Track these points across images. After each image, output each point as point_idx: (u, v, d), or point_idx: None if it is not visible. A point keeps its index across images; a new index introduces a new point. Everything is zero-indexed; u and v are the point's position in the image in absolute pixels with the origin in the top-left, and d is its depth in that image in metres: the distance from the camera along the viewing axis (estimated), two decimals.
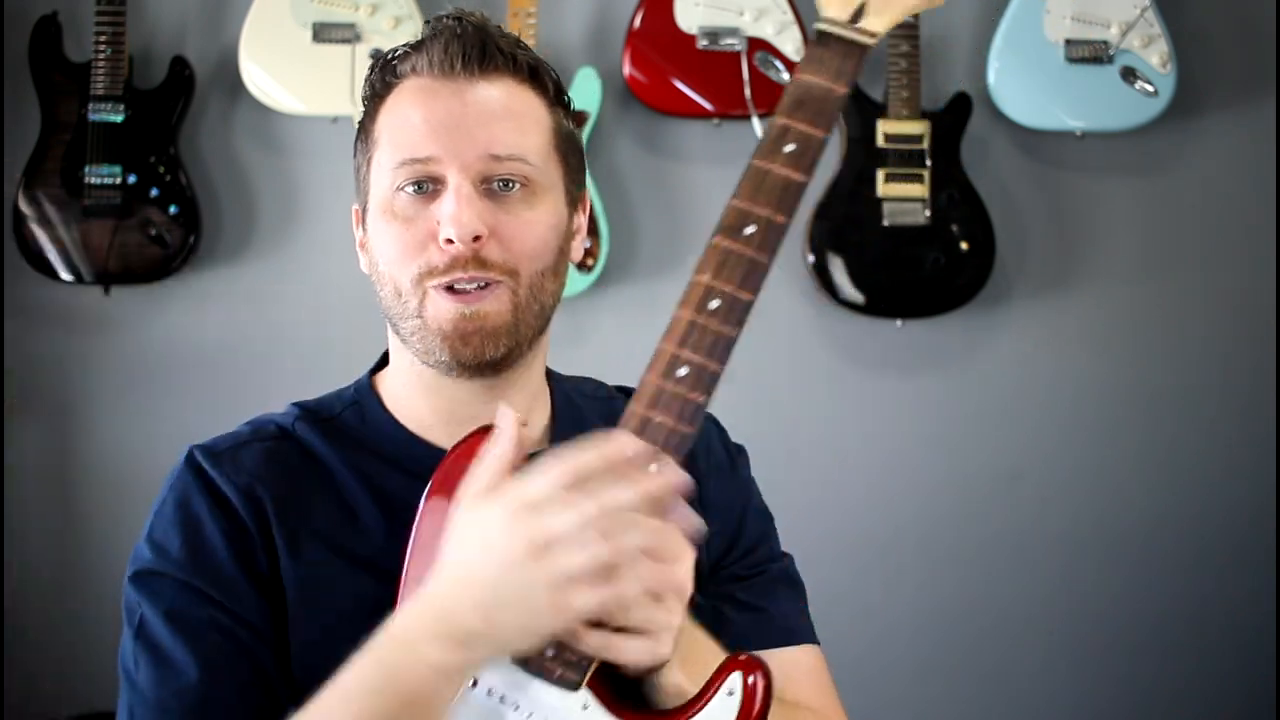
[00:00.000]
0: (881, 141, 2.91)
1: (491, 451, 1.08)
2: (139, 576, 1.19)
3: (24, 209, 2.84)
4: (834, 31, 1.11)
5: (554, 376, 1.35)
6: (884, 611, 3.04)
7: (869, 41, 1.11)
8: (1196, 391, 3.08)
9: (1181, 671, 3.07)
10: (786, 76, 2.90)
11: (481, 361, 1.20)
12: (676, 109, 2.94)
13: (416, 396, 1.27)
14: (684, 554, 1.05)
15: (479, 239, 1.19)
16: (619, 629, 1.05)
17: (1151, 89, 2.92)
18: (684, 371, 1.07)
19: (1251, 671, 3.05)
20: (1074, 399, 3.08)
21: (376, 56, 1.29)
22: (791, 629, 1.32)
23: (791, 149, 1.09)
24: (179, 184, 2.87)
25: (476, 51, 1.21)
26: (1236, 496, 3.07)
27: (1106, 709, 3.08)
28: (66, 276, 2.86)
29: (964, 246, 2.93)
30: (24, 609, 2.93)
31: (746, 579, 1.32)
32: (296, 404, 1.30)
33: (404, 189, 1.21)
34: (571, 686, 1.06)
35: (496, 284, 1.20)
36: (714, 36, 2.90)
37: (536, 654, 1.07)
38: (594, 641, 1.05)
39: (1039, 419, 3.08)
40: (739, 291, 1.07)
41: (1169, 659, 3.07)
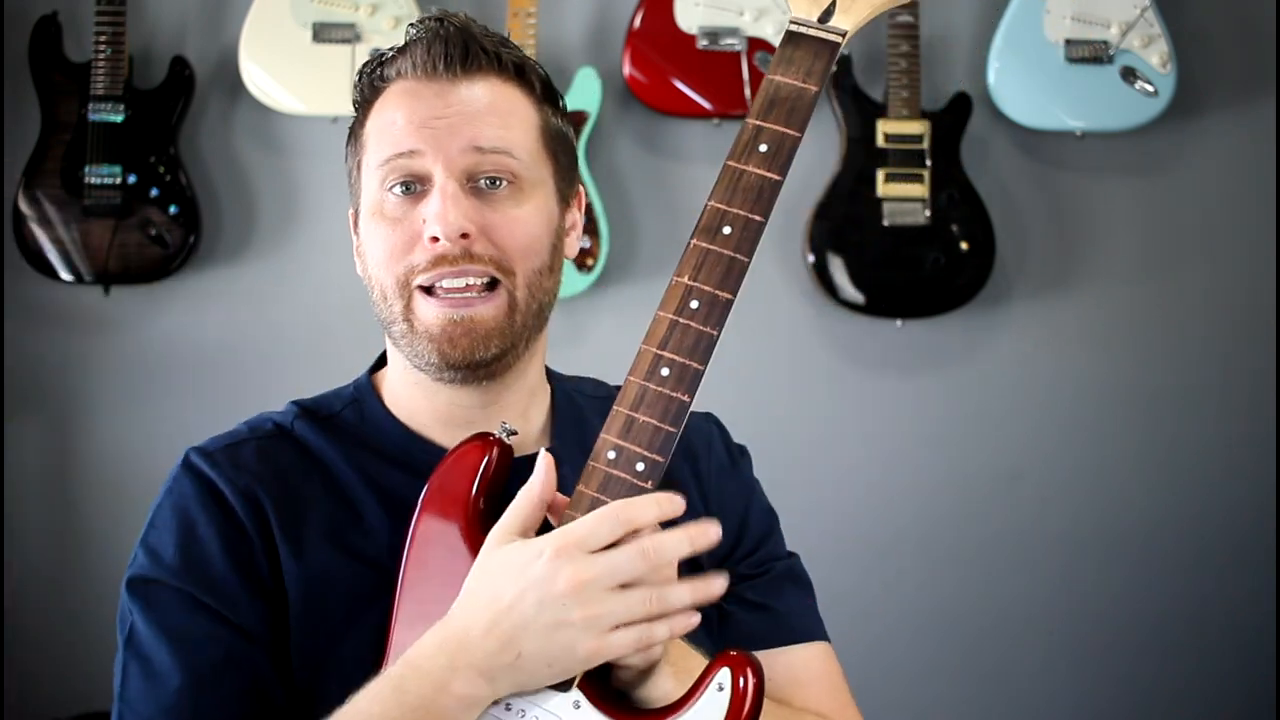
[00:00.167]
0: (881, 141, 2.91)
1: (527, 491, 1.09)
2: (133, 583, 1.19)
3: (24, 209, 2.84)
4: (804, 31, 1.12)
5: (554, 376, 1.35)
6: (884, 611, 3.04)
7: (838, 40, 1.11)
8: (1196, 391, 3.08)
9: (1181, 671, 3.07)
10: None
11: (471, 363, 1.20)
12: (676, 109, 2.94)
13: (414, 398, 1.27)
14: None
15: (466, 237, 1.18)
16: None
17: (1151, 89, 2.92)
18: (666, 371, 1.08)
19: (1251, 671, 3.05)
20: (1074, 399, 3.08)
21: (363, 65, 1.29)
22: (800, 627, 1.31)
23: (765, 149, 1.10)
24: (179, 184, 2.87)
25: (459, 52, 1.21)
26: (1236, 496, 3.07)
27: (1106, 709, 3.08)
28: (66, 276, 2.86)
29: (964, 246, 2.93)
30: (24, 609, 2.93)
31: (753, 578, 1.32)
32: (295, 402, 1.29)
33: (392, 189, 1.21)
34: (563, 687, 1.07)
35: (494, 288, 1.20)
36: (714, 36, 2.90)
37: None
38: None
39: (1039, 419, 3.08)
40: (719, 291, 1.08)
41: (1169, 659, 3.07)
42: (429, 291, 1.20)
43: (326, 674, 1.10)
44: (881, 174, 2.91)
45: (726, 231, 1.09)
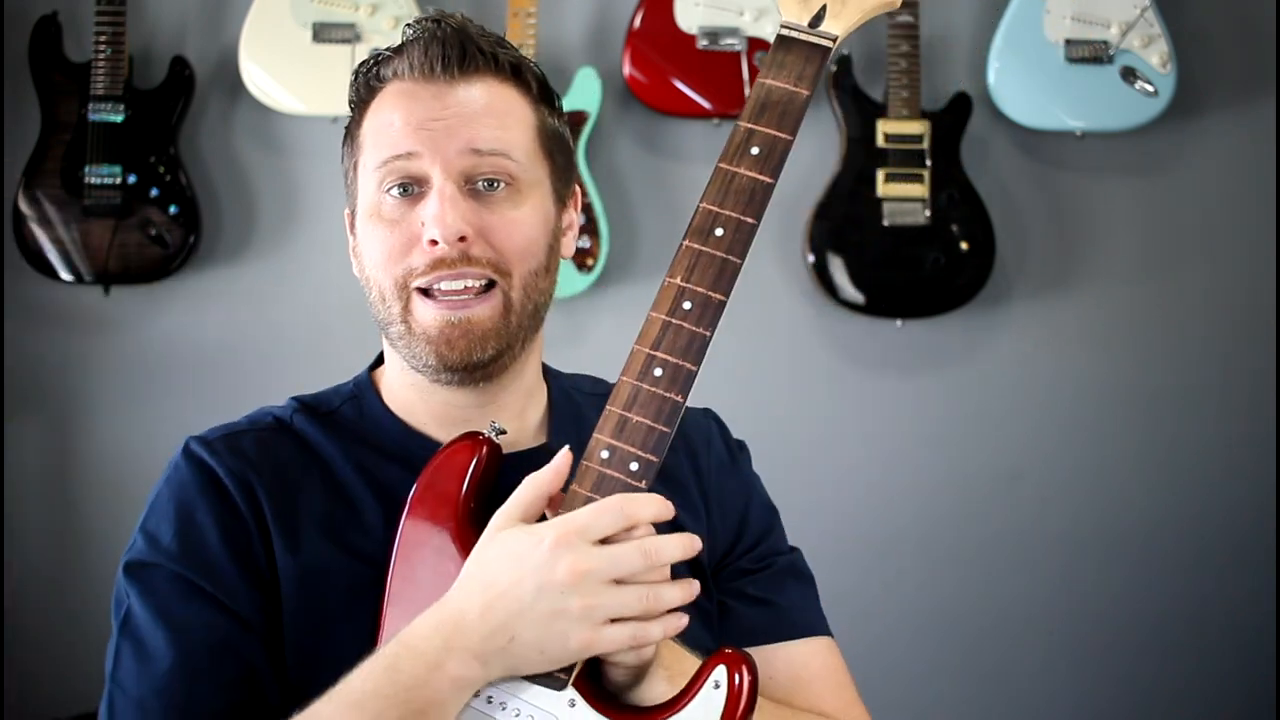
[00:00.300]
0: (881, 141, 2.91)
1: (535, 480, 1.10)
2: (130, 567, 1.19)
3: (24, 209, 2.84)
4: (795, 35, 1.13)
5: (552, 373, 1.35)
6: (884, 611, 3.04)
7: (829, 45, 1.12)
8: (1196, 391, 3.08)
9: (1181, 671, 3.07)
10: None
11: (469, 364, 1.20)
12: (676, 109, 2.94)
13: (410, 397, 1.28)
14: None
15: (464, 239, 1.19)
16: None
17: (1151, 89, 2.92)
18: (659, 372, 1.09)
19: (1251, 671, 3.05)
20: (1074, 399, 3.08)
21: (359, 66, 1.29)
22: (803, 621, 1.31)
23: (757, 152, 1.11)
24: (179, 184, 2.87)
25: (456, 53, 1.22)
26: (1236, 496, 3.07)
27: (1106, 709, 3.08)
28: (66, 276, 2.86)
29: (964, 246, 2.93)
30: (24, 609, 2.93)
31: (754, 572, 1.32)
32: (295, 398, 1.30)
33: (389, 191, 1.21)
34: (558, 685, 1.07)
35: (490, 289, 1.20)
36: (714, 36, 2.90)
37: None
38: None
39: (1039, 419, 3.08)
40: (711, 293, 1.09)
41: (1169, 659, 3.07)
42: (426, 293, 1.20)
43: (319, 667, 1.11)
44: (881, 174, 2.91)
45: (719, 233, 1.10)
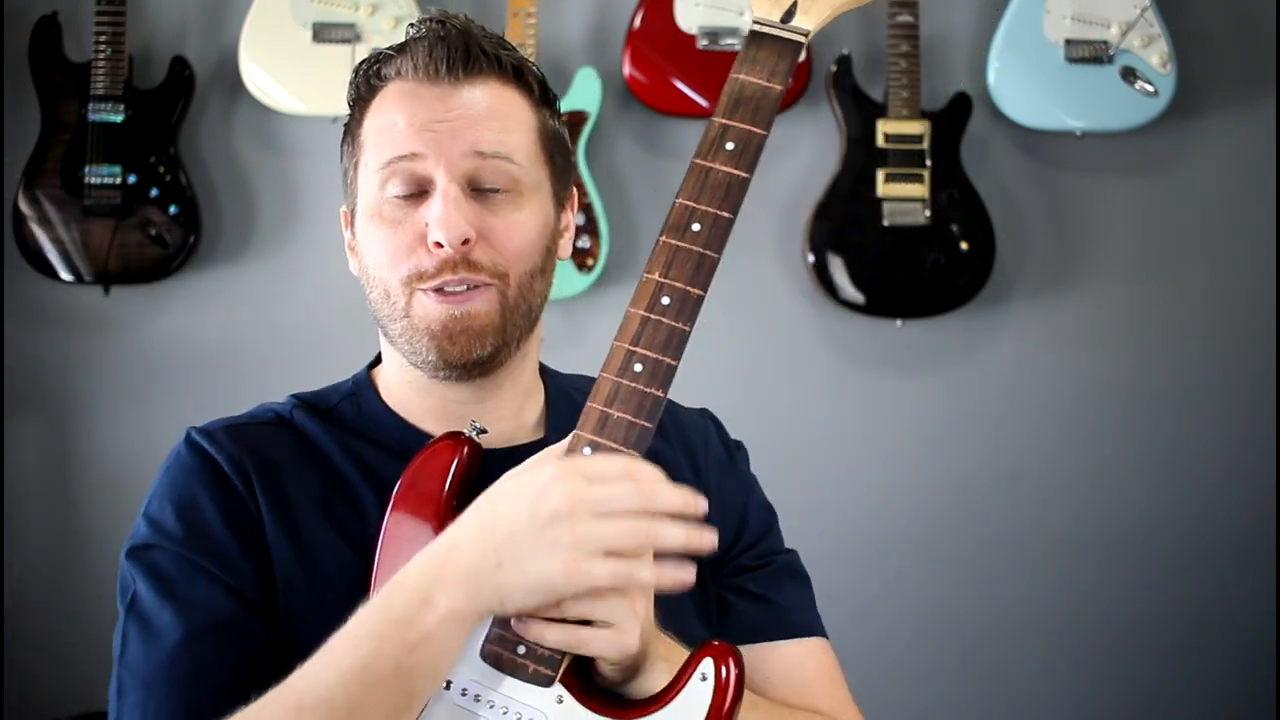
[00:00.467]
0: (881, 141, 2.91)
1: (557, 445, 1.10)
2: (134, 551, 1.20)
3: (24, 209, 2.84)
4: (767, 31, 1.13)
5: (550, 373, 1.36)
6: (884, 611, 3.04)
7: (801, 40, 1.13)
8: (1196, 391, 3.08)
9: (1181, 671, 3.07)
10: None
11: (469, 361, 1.21)
12: (676, 109, 2.94)
13: (408, 394, 1.28)
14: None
15: (467, 242, 1.19)
16: (584, 623, 1.05)
17: (1151, 89, 2.92)
18: (640, 367, 1.09)
19: (1251, 671, 3.05)
20: (1074, 399, 3.08)
21: (359, 64, 1.29)
22: (800, 621, 1.32)
23: (732, 147, 1.11)
24: (179, 184, 2.87)
25: (460, 54, 1.22)
26: (1236, 496, 3.07)
27: (1106, 709, 3.08)
28: (66, 276, 2.86)
29: (964, 246, 2.93)
30: (24, 609, 2.93)
31: (754, 569, 1.33)
32: (294, 395, 1.31)
33: (392, 193, 1.21)
34: (545, 682, 1.07)
35: (486, 286, 1.21)
36: (714, 36, 2.90)
37: (509, 652, 1.08)
38: (558, 636, 1.05)
39: (1039, 419, 3.08)
40: (689, 288, 1.10)
41: (1169, 659, 3.07)
42: (435, 291, 1.21)
43: (308, 649, 1.11)
44: (881, 174, 2.91)
45: (695, 228, 1.11)
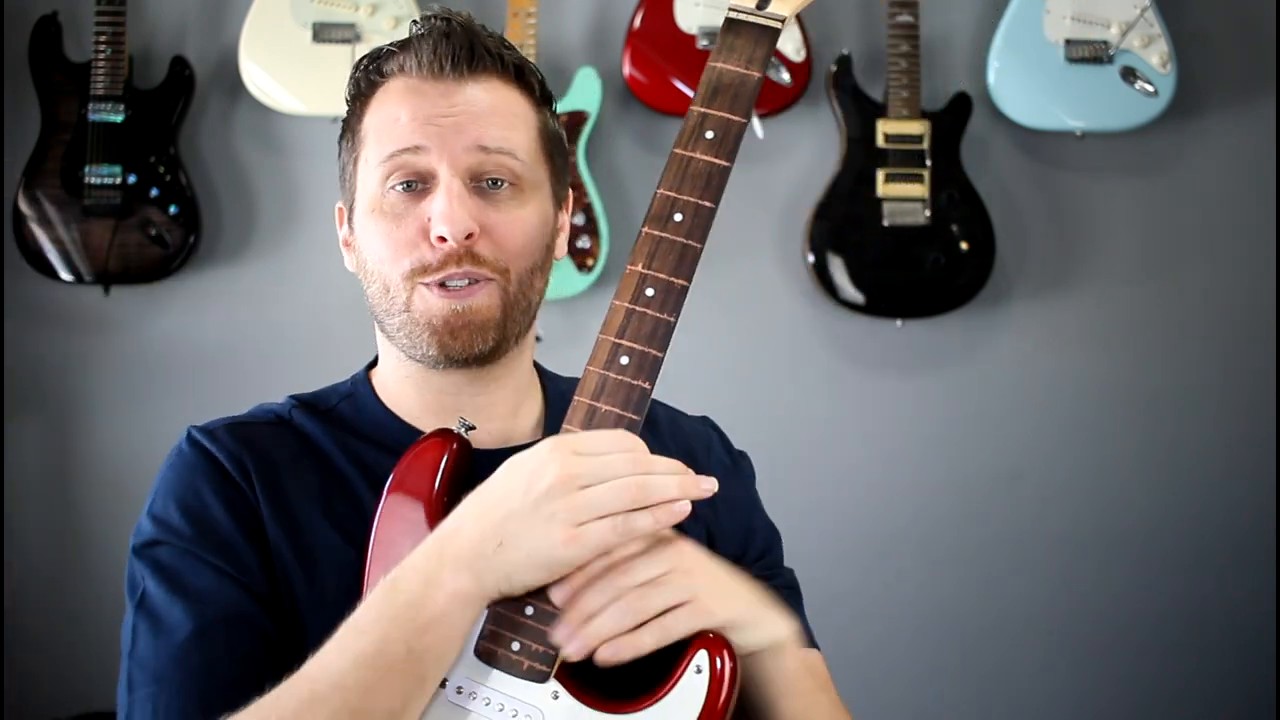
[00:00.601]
0: (881, 141, 2.91)
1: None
2: (141, 548, 1.20)
3: (24, 209, 2.84)
4: (742, 18, 1.13)
5: (548, 375, 1.37)
6: (884, 611, 3.04)
7: (777, 26, 1.13)
8: (1196, 391, 3.08)
9: (1181, 671, 3.07)
10: (786, 76, 2.90)
11: (469, 355, 1.22)
12: (677, 109, 2.94)
13: (405, 391, 1.29)
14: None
15: (471, 236, 1.20)
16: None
17: (1151, 89, 2.92)
18: (626, 360, 1.10)
19: (1251, 671, 3.05)
20: (1074, 399, 3.08)
21: (360, 60, 1.30)
22: (808, 632, 1.32)
23: (711, 136, 1.11)
24: (179, 184, 2.87)
25: (465, 53, 1.22)
26: (1236, 496, 3.07)
27: (1106, 709, 3.08)
28: (66, 276, 2.86)
29: (964, 246, 2.93)
30: (24, 609, 2.93)
31: (773, 581, 1.32)
32: (293, 396, 1.31)
33: (393, 186, 1.22)
34: (540, 678, 1.08)
35: (487, 281, 1.21)
36: (714, 36, 2.90)
37: (504, 649, 1.08)
38: (652, 638, 1.07)
39: (1039, 419, 3.08)
40: (673, 278, 1.11)
41: (1169, 659, 3.07)
42: (437, 286, 1.21)
43: (309, 642, 1.12)
44: (881, 174, 2.91)
45: (678, 219, 1.11)
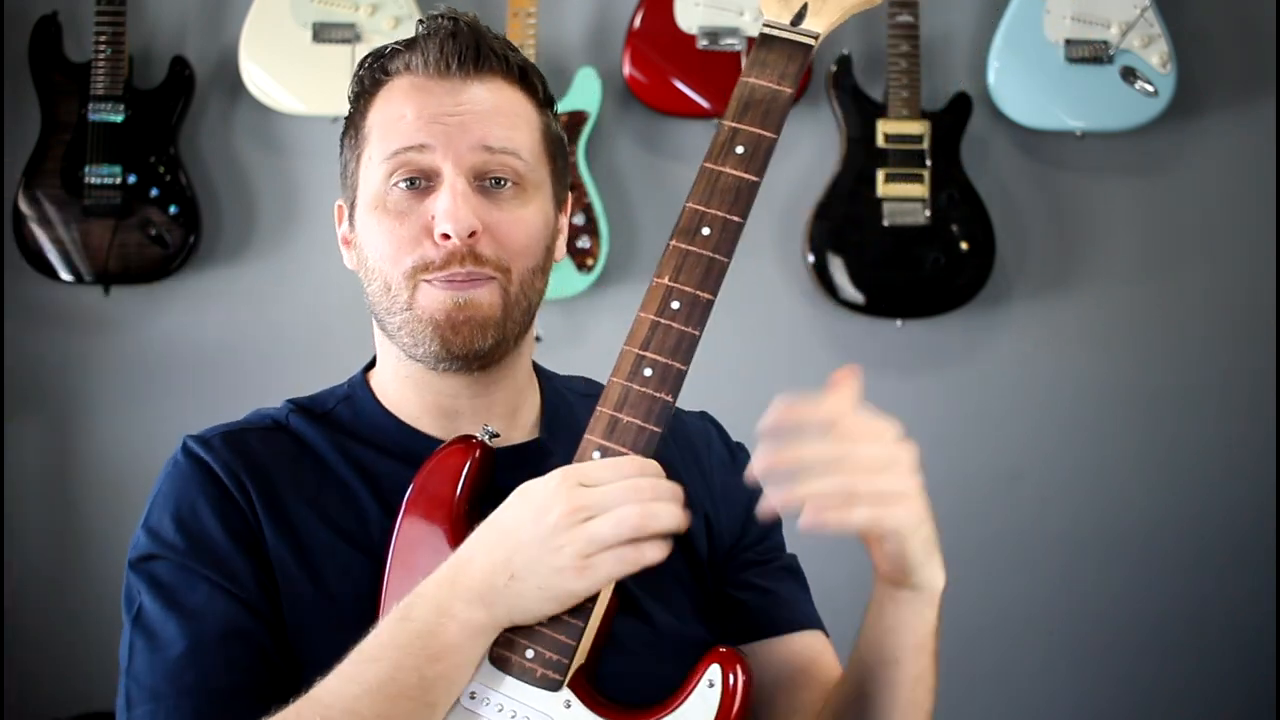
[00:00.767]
0: (881, 141, 2.91)
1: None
2: (137, 563, 1.20)
3: (24, 209, 2.84)
4: (777, 34, 1.13)
5: (545, 374, 1.37)
6: None
7: (811, 43, 1.12)
8: (1196, 391, 3.08)
9: (1181, 671, 3.06)
10: None
11: (470, 352, 1.21)
12: (676, 109, 2.94)
13: (405, 392, 1.28)
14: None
15: (474, 234, 1.20)
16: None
17: (1151, 89, 2.92)
18: (649, 372, 1.10)
19: (1251, 671, 3.05)
20: (1074, 399, 3.08)
21: (364, 58, 1.30)
22: (809, 614, 1.35)
23: (742, 151, 1.12)
24: (179, 184, 2.87)
25: (471, 52, 1.22)
26: (1236, 496, 3.07)
27: (1106, 709, 3.08)
28: (66, 276, 2.86)
29: (964, 246, 2.93)
30: (24, 609, 2.93)
31: (762, 564, 1.34)
32: (290, 400, 1.31)
33: (397, 184, 1.22)
34: (553, 686, 1.08)
35: (489, 279, 1.21)
36: (714, 36, 2.90)
37: (518, 656, 1.08)
38: (865, 514, 1.19)
39: (1039, 419, 3.08)
40: (699, 292, 1.11)
41: (1169, 659, 3.07)
42: (441, 282, 1.21)
43: (324, 654, 1.12)
44: (881, 174, 2.91)
45: (705, 232, 1.11)
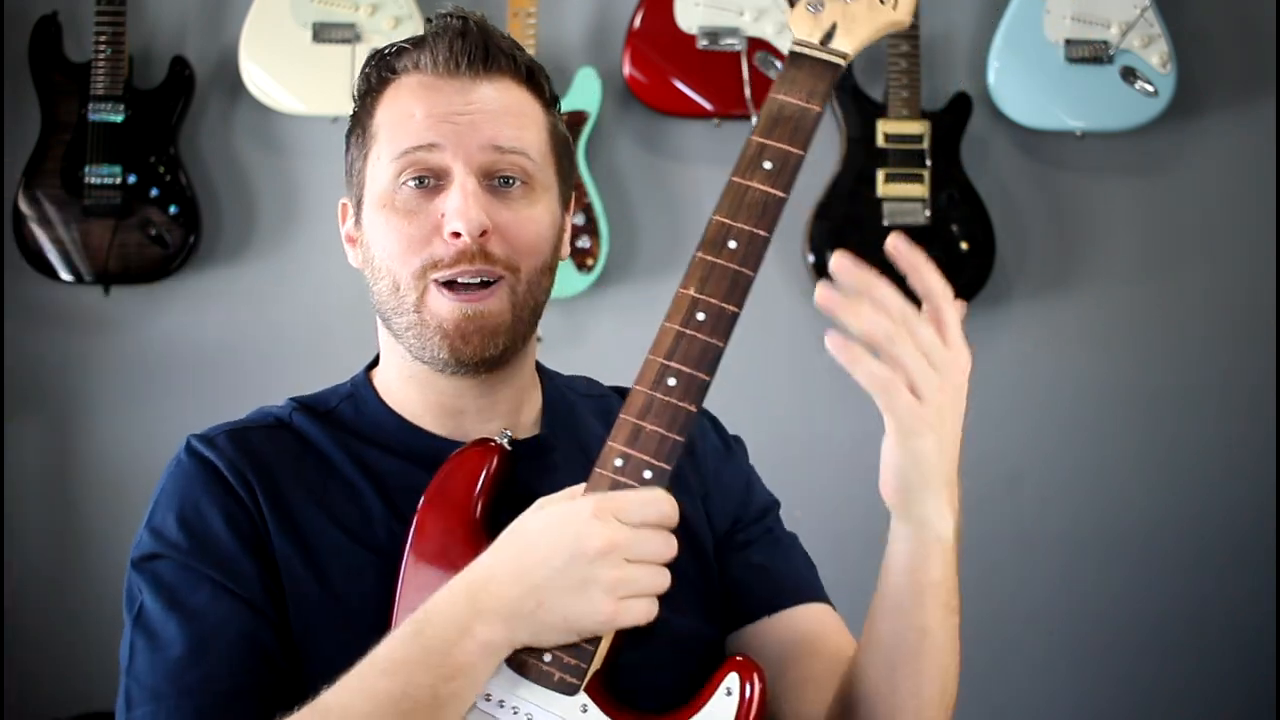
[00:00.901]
0: (881, 141, 2.91)
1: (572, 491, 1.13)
2: (139, 562, 1.20)
3: (24, 209, 2.84)
4: (806, 52, 1.13)
5: (547, 373, 1.37)
6: None
7: (840, 62, 1.13)
8: (1196, 391, 3.08)
9: (1181, 671, 3.07)
10: None
11: (480, 359, 1.22)
12: (676, 109, 2.94)
13: (408, 391, 1.28)
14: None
15: (485, 233, 1.20)
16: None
17: (1151, 89, 2.92)
18: (673, 381, 1.10)
19: (1251, 671, 3.05)
20: (1074, 399, 3.08)
21: (371, 55, 1.30)
22: (814, 586, 1.36)
23: (769, 166, 1.11)
24: (179, 184, 2.87)
25: (480, 52, 1.23)
26: (1236, 496, 3.07)
27: (1106, 709, 3.08)
28: (66, 276, 2.86)
29: (964, 246, 2.93)
30: (24, 609, 2.93)
31: (757, 541, 1.35)
32: (293, 399, 1.31)
33: (406, 183, 1.22)
34: (570, 690, 1.08)
35: (498, 281, 1.21)
36: (714, 36, 2.90)
37: (535, 660, 1.09)
38: (875, 371, 1.17)
39: (1039, 419, 3.08)
40: (725, 304, 1.11)
41: (1169, 659, 3.07)
42: (444, 285, 1.21)
43: (331, 652, 1.12)
44: (881, 174, 2.91)
45: (732, 246, 1.11)
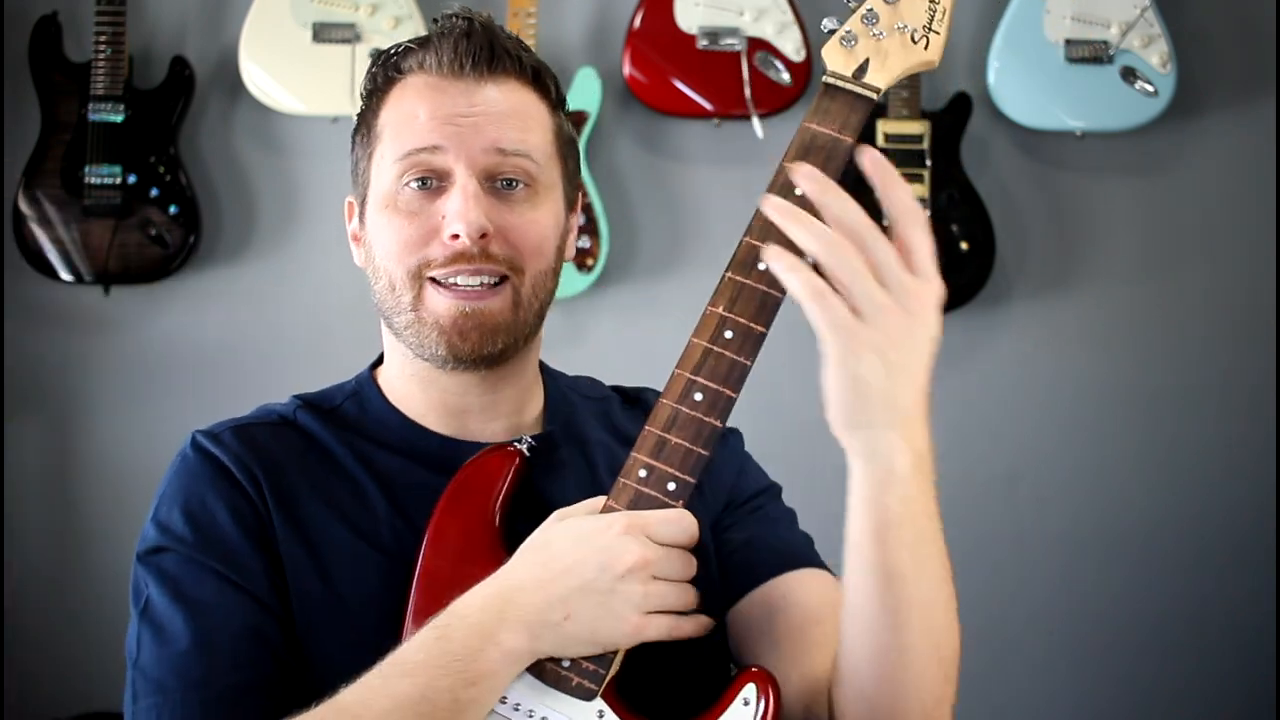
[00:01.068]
0: (881, 141, 2.91)
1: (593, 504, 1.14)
2: (145, 555, 1.20)
3: (24, 209, 2.84)
4: (840, 85, 1.14)
5: (551, 373, 1.37)
6: None
7: (873, 96, 1.14)
8: (1196, 391, 3.08)
9: (1181, 671, 3.07)
10: (787, 77, 2.90)
11: (479, 356, 1.22)
12: (676, 109, 2.94)
13: (411, 389, 1.29)
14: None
15: (485, 236, 1.20)
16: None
17: (1151, 89, 2.92)
18: (700, 396, 1.12)
19: (1251, 671, 3.05)
20: (1074, 399, 3.08)
21: (377, 55, 1.30)
22: (805, 553, 1.37)
23: (801, 193, 1.11)
24: (179, 184, 2.87)
25: (485, 53, 1.23)
26: (1236, 496, 3.07)
27: (1106, 709, 3.08)
28: (66, 276, 2.86)
29: (964, 246, 2.93)
30: (24, 609, 2.93)
31: (748, 519, 1.36)
32: (297, 396, 1.31)
33: (409, 184, 1.22)
34: (587, 696, 1.09)
35: (503, 282, 1.22)
36: (714, 36, 2.90)
37: (553, 664, 1.10)
38: (829, 308, 1.13)
39: (1039, 419, 3.08)
40: (753, 324, 1.13)
41: (1169, 659, 3.07)
42: (439, 283, 1.21)
43: (337, 648, 1.13)
44: None
45: (761, 268, 1.11)
